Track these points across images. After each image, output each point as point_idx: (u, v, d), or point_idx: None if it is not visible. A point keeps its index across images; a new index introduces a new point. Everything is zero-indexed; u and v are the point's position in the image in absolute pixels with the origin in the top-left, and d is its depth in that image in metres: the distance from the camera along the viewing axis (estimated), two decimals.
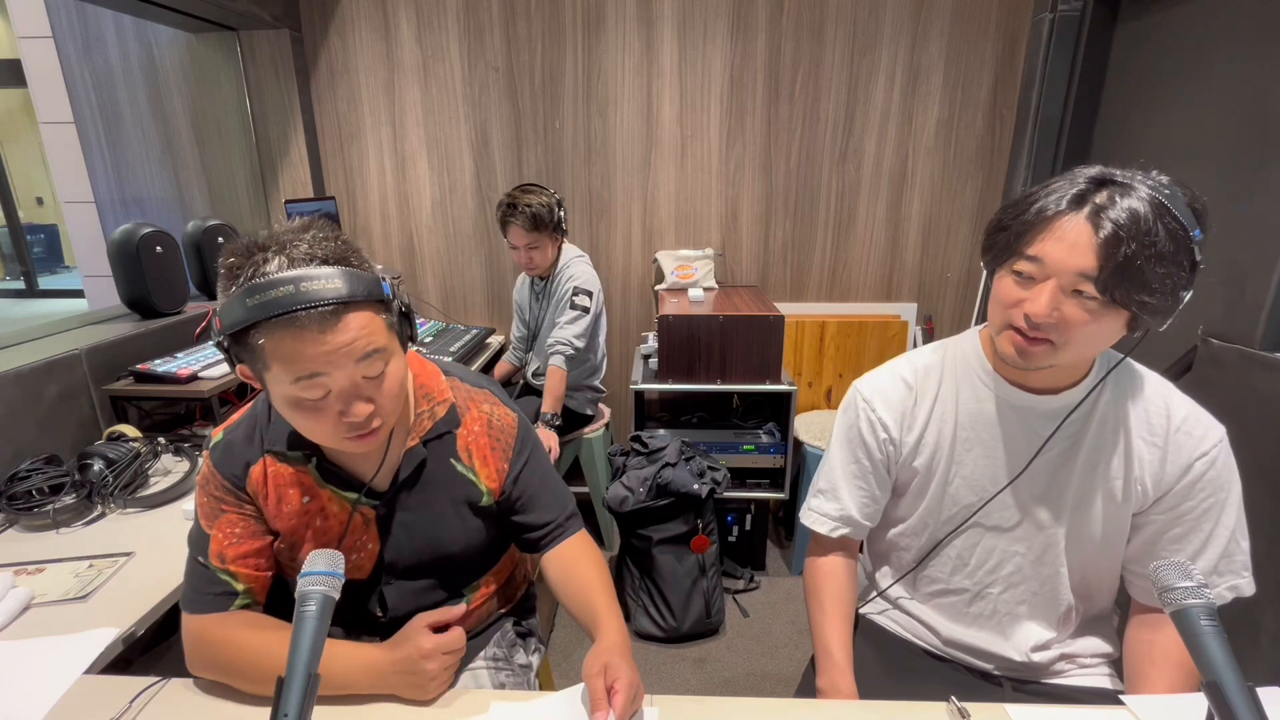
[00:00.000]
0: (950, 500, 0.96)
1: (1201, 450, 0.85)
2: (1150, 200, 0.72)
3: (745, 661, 1.98)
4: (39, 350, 1.53)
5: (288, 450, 0.86)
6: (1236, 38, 1.62)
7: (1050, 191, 0.77)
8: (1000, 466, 0.92)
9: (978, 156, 2.48)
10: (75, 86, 2.64)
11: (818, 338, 2.57)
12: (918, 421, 0.96)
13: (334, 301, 0.69)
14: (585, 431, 2.40)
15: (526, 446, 0.98)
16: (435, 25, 2.46)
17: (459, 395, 0.95)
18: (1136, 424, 0.88)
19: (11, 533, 1.26)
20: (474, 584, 1.01)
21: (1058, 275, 0.75)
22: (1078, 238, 0.73)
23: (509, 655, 1.05)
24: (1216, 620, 0.63)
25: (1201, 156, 1.70)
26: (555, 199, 2.17)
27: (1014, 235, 0.79)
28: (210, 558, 0.85)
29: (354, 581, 0.92)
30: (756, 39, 2.40)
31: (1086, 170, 0.77)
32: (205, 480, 0.87)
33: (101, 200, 2.77)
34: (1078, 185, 0.75)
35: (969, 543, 0.97)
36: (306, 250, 0.70)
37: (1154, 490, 0.88)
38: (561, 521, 0.99)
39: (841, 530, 1.03)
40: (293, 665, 0.58)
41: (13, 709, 0.81)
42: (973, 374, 0.93)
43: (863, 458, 1.00)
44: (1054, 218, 0.75)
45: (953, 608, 1.01)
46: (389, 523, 0.91)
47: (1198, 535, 0.87)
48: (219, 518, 0.86)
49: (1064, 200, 0.75)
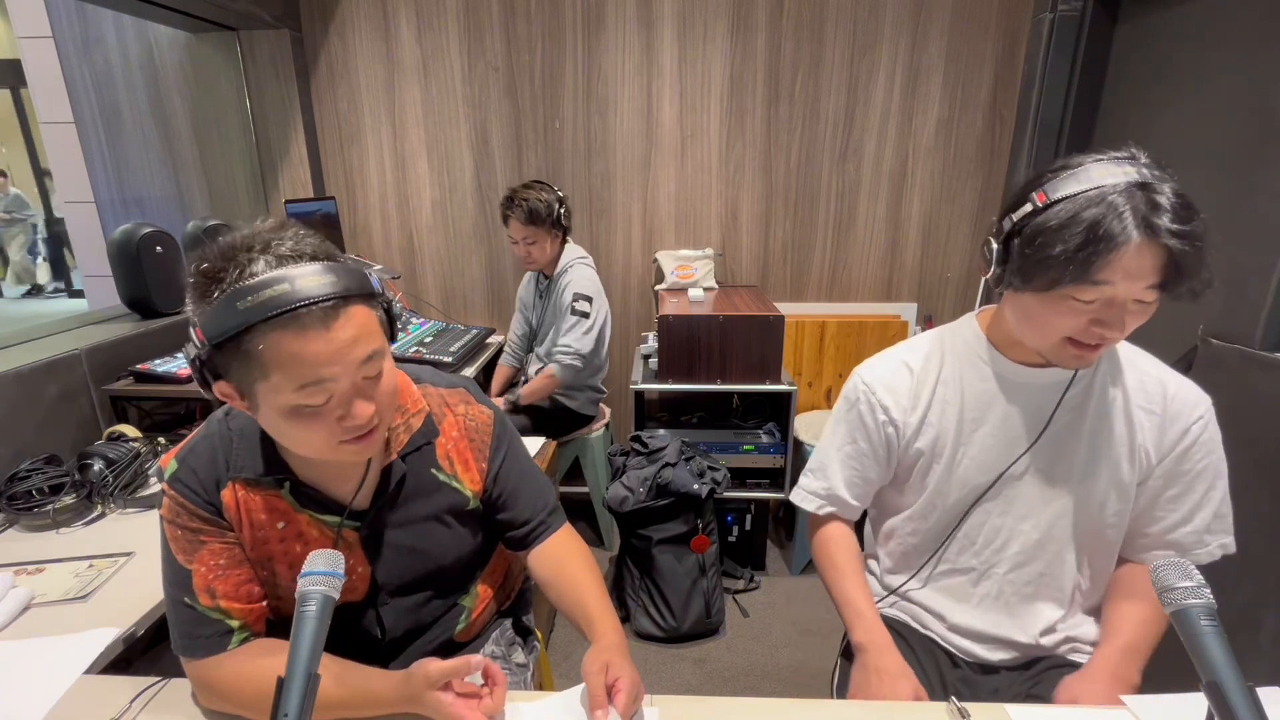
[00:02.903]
0: (958, 482, 0.97)
1: (1197, 414, 0.89)
2: (1178, 196, 0.72)
3: (745, 661, 1.98)
4: (39, 350, 1.53)
5: (255, 476, 0.80)
6: (1236, 38, 1.62)
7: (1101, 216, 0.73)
8: (1007, 444, 0.93)
9: (978, 156, 2.48)
10: (75, 86, 2.65)
11: (818, 338, 2.57)
12: (920, 403, 0.97)
13: (334, 296, 0.65)
14: (585, 431, 2.40)
15: (504, 442, 0.95)
16: (435, 25, 2.46)
17: (432, 402, 0.91)
18: (1134, 392, 0.91)
19: (11, 533, 1.26)
20: (470, 589, 1.00)
21: (1126, 297, 0.75)
22: (1143, 261, 0.73)
23: (507, 654, 1.04)
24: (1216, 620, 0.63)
25: (1201, 156, 1.70)
26: (558, 196, 2.19)
27: (1073, 264, 0.74)
28: (197, 596, 0.78)
29: (349, 605, 0.89)
30: (756, 39, 2.40)
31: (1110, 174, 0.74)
32: (173, 513, 0.79)
33: (101, 200, 2.77)
34: (1130, 206, 0.72)
35: (976, 522, 0.98)
36: (292, 248, 0.66)
37: (1155, 455, 0.91)
38: (544, 518, 0.98)
39: (828, 508, 1.06)
40: (293, 665, 0.58)
41: (13, 709, 0.80)
42: (974, 355, 0.95)
43: (860, 439, 1.02)
44: (1120, 245, 0.72)
45: (959, 589, 1.01)
46: (376, 543, 0.87)
47: (1193, 495, 0.91)
48: (198, 550, 0.79)
49: (1126, 227, 0.72)
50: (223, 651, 0.79)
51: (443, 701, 0.73)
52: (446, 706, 0.73)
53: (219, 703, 0.79)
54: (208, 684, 0.79)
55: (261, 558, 0.84)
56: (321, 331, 0.65)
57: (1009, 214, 0.82)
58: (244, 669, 0.78)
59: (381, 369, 0.73)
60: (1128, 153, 0.77)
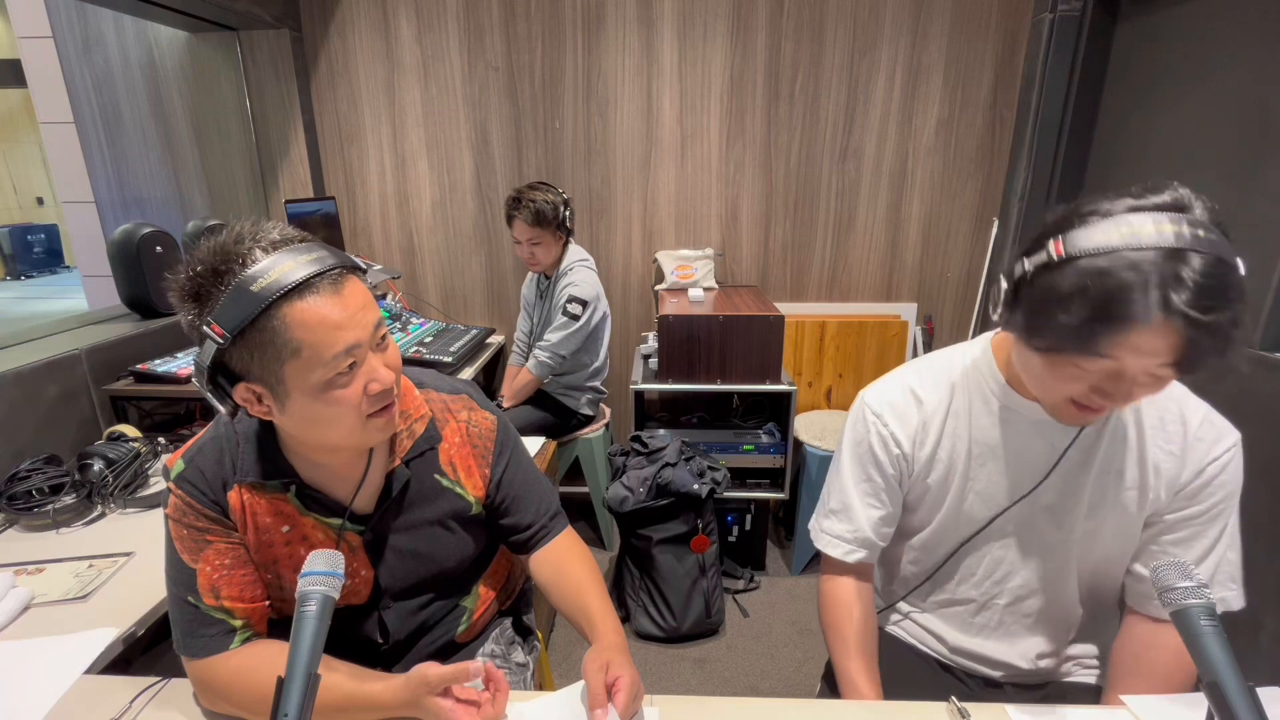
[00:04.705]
0: (964, 516, 0.94)
1: (1214, 455, 0.84)
2: (1210, 272, 0.62)
3: (745, 661, 1.98)
4: (39, 350, 1.53)
5: (260, 479, 0.81)
6: (1237, 38, 1.62)
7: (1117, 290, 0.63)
8: (1014, 480, 0.90)
9: (978, 156, 2.48)
10: (75, 86, 2.64)
11: (818, 338, 2.57)
12: (930, 437, 0.93)
13: (338, 267, 0.70)
14: (585, 432, 2.40)
15: (507, 448, 0.96)
16: (435, 25, 2.46)
17: (435, 408, 0.91)
18: (1152, 433, 0.85)
19: (11, 533, 1.26)
20: (472, 590, 1.00)
21: (1136, 372, 0.68)
22: (1156, 342, 0.64)
23: (507, 653, 1.04)
24: (1216, 620, 0.63)
25: (1202, 156, 1.70)
26: (563, 198, 2.19)
27: (1078, 338, 0.67)
28: (201, 595, 0.79)
29: (352, 608, 0.90)
30: (756, 39, 2.40)
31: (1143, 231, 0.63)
32: (179, 513, 0.80)
33: (101, 200, 2.77)
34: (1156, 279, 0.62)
35: (979, 555, 0.96)
36: (280, 234, 0.70)
37: (1167, 496, 0.86)
38: (546, 522, 0.98)
39: (858, 554, 0.97)
40: (293, 665, 0.58)
41: (13, 709, 0.80)
42: (985, 388, 0.90)
43: (875, 474, 0.96)
44: (1132, 326, 0.64)
45: (958, 617, 1.00)
46: (380, 548, 0.88)
47: (1200, 543, 0.86)
48: (204, 550, 0.80)
49: (1147, 307, 0.62)
50: (224, 651, 0.79)
51: (442, 707, 0.73)
52: (446, 712, 0.72)
53: (219, 703, 0.79)
54: (208, 683, 0.79)
55: (266, 560, 0.84)
56: (335, 298, 0.68)
57: (1024, 257, 0.73)
58: (244, 668, 0.78)
59: (388, 338, 0.77)
60: (1171, 196, 0.65)
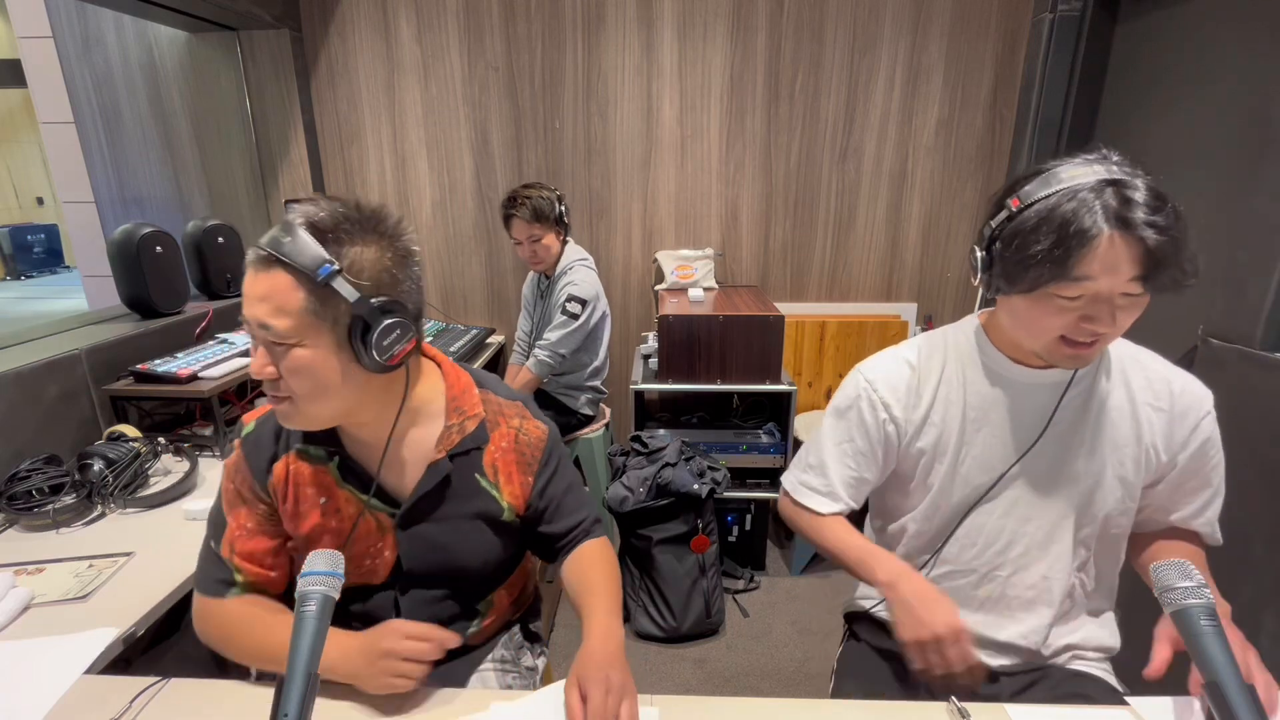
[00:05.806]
0: (962, 482, 0.96)
1: (1205, 409, 0.91)
2: (1149, 189, 0.74)
3: (745, 661, 1.98)
4: (39, 350, 1.53)
5: (309, 446, 0.87)
6: (1236, 38, 1.62)
7: (1072, 213, 0.75)
8: (1010, 444, 0.93)
9: (978, 156, 2.48)
10: (75, 86, 2.64)
11: (818, 338, 2.57)
12: (923, 400, 0.97)
13: (267, 251, 0.72)
14: (585, 431, 2.40)
15: (553, 458, 0.97)
16: (435, 25, 2.46)
17: (490, 409, 0.93)
18: (1141, 391, 0.92)
19: (11, 533, 1.26)
20: (488, 598, 1.01)
21: (1111, 292, 0.76)
22: (1119, 254, 0.74)
23: (516, 658, 1.05)
24: (1216, 620, 0.63)
25: (1201, 156, 1.70)
26: (556, 194, 2.19)
27: (1051, 262, 0.76)
28: (222, 543, 0.88)
29: (368, 586, 0.93)
30: (756, 39, 2.41)
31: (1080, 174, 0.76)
32: (234, 469, 0.89)
33: (101, 200, 2.77)
34: (1100, 202, 0.74)
35: (979, 523, 0.97)
36: (310, 211, 0.74)
37: (1165, 453, 0.92)
38: (582, 528, 1.00)
39: (833, 507, 1.03)
40: (293, 665, 0.58)
41: (13, 709, 0.81)
42: (976, 355, 0.95)
43: (858, 437, 1.00)
44: (1093, 239, 0.74)
45: (960, 591, 1.01)
46: (408, 533, 0.91)
47: (1209, 489, 0.94)
48: (238, 508, 0.88)
49: (1096, 221, 0.73)
50: (220, 598, 0.88)
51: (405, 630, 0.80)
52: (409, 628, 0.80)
53: (202, 634, 0.89)
54: (202, 616, 0.89)
55: (304, 529, 0.88)
56: (251, 275, 0.74)
57: (989, 221, 0.84)
58: (229, 619, 0.87)
59: (288, 344, 0.73)
60: (1098, 153, 0.78)
